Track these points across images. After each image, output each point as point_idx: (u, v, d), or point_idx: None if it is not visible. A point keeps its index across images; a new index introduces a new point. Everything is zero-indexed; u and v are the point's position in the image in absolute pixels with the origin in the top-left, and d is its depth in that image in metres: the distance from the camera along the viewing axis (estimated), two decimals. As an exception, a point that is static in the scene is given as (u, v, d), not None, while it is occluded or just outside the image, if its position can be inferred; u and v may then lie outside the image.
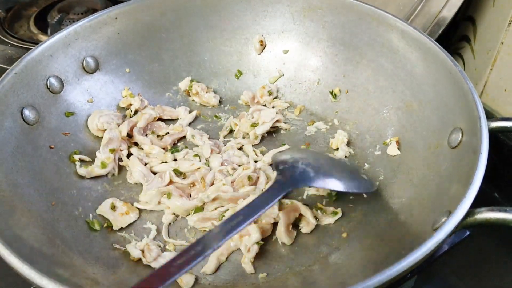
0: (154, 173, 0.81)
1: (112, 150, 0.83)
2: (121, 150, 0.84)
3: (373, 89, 0.87)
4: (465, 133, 0.67)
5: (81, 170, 0.79)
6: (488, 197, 0.90)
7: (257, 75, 0.99)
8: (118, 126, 0.86)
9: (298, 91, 0.96)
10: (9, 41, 1.11)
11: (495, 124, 0.66)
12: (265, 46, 0.98)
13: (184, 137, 0.90)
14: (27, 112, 0.77)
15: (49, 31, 1.17)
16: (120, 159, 0.84)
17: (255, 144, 0.88)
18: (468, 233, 0.73)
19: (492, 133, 0.64)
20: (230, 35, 0.97)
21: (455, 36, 1.02)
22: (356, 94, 0.89)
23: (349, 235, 0.72)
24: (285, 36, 0.96)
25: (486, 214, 0.55)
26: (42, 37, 1.17)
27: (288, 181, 0.68)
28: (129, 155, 0.85)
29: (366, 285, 0.49)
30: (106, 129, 0.84)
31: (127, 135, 0.86)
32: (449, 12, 0.90)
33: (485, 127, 0.63)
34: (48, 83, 0.82)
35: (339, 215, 0.75)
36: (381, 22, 0.85)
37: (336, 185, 0.70)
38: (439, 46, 0.76)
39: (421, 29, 0.83)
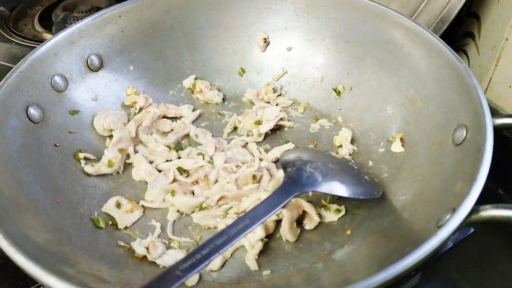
0: (159, 171, 0.82)
1: (121, 150, 0.83)
2: (129, 149, 0.84)
3: (377, 86, 0.87)
4: (469, 130, 0.66)
5: (88, 168, 0.80)
6: (493, 194, 0.90)
7: (260, 72, 0.99)
8: (124, 125, 0.87)
9: (301, 88, 0.96)
10: (13, 40, 1.11)
11: (500, 121, 0.65)
12: (269, 43, 0.98)
13: (188, 135, 0.90)
14: (32, 111, 0.77)
15: (53, 29, 1.17)
16: (128, 156, 0.84)
17: (258, 142, 0.88)
18: (472, 230, 0.73)
19: (497, 130, 0.64)
20: (233, 32, 0.97)
21: (459, 32, 1.01)
22: (360, 91, 0.89)
23: (353, 232, 0.72)
24: (288, 33, 0.96)
25: (491, 212, 0.55)
26: (46, 35, 1.17)
27: (295, 185, 0.69)
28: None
29: (371, 282, 0.49)
30: (112, 129, 0.85)
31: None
32: (453, 9, 0.89)
33: (489, 124, 0.62)
34: (52, 81, 0.82)
35: (343, 212, 0.75)
36: (385, 19, 0.84)
37: (342, 191, 0.70)
38: (443, 42, 0.76)
39: (425, 25, 0.83)
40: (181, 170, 0.80)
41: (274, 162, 0.84)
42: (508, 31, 0.87)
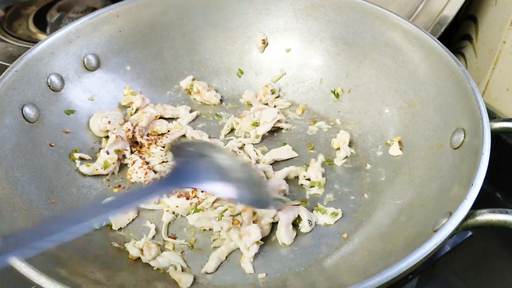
0: (155, 172, 0.81)
1: (117, 151, 0.82)
2: (126, 150, 0.84)
3: (376, 89, 0.86)
4: (467, 133, 0.66)
5: (83, 168, 0.79)
6: (490, 198, 0.89)
7: (259, 73, 0.98)
8: (121, 126, 0.86)
9: (300, 90, 0.95)
10: (8, 40, 1.11)
11: (498, 125, 0.65)
12: (267, 44, 0.97)
13: (184, 136, 0.89)
14: (27, 110, 0.77)
15: (48, 30, 1.17)
16: (124, 157, 0.84)
17: (255, 144, 0.88)
18: (470, 233, 0.73)
19: (495, 133, 0.64)
20: (232, 33, 0.97)
21: (457, 35, 1.01)
22: (358, 94, 0.89)
23: (350, 236, 0.72)
24: (287, 35, 0.96)
25: (487, 216, 0.55)
26: (41, 36, 1.17)
27: (179, 178, 0.64)
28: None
29: (365, 286, 0.48)
30: (108, 130, 0.84)
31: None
32: (450, 11, 0.89)
33: (487, 128, 0.62)
34: (49, 80, 0.82)
35: (339, 216, 0.74)
36: (384, 21, 0.84)
37: (229, 193, 0.66)
38: (442, 45, 0.75)
39: (423, 28, 0.82)
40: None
41: (271, 164, 0.83)
42: (505, 34, 0.87)
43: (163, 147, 0.85)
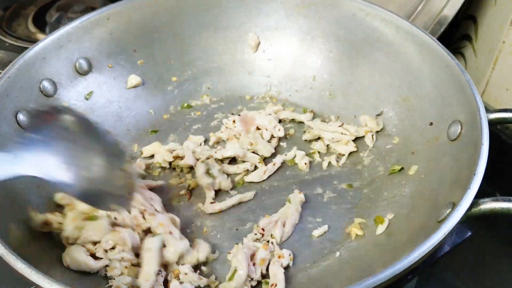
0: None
1: None
2: None
3: (369, 85, 0.87)
4: (464, 125, 0.67)
5: None
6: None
7: (251, 73, 0.98)
8: None
9: (293, 88, 0.96)
10: (7, 40, 1.09)
11: (494, 116, 0.66)
12: (259, 43, 0.97)
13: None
14: (21, 117, 0.75)
15: (47, 30, 1.15)
16: None
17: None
18: (469, 234, 0.73)
19: (491, 124, 0.65)
20: (223, 33, 0.97)
21: (456, 35, 1.02)
22: (352, 90, 0.90)
23: (352, 231, 0.72)
24: (279, 33, 0.96)
25: (490, 204, 0.56)
26: (40, 36, 1.15)
27: None
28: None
29: (379, 277, 0.49)
30: None
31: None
32: (450, 11, 0.90)
33: (484, 118, 0.63)
34: (41, 86, 0.80)
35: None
36: (375, 17, 0.85)
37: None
38: (434, 39, 0.77)
39: (423, 27, 0.84)
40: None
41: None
42: (505, 34, 0.88)
43: None
